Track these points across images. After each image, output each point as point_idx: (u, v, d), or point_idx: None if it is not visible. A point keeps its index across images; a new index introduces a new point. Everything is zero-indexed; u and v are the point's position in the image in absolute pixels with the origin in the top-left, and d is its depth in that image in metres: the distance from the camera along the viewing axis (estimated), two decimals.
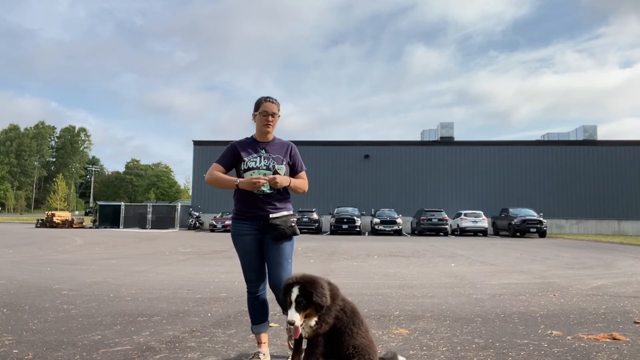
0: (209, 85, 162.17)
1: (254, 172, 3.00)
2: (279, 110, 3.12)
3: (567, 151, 32.10)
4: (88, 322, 4.11)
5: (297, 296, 2.40)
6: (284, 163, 3.08)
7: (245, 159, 3.04)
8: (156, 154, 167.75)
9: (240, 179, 2.98)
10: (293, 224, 3.01)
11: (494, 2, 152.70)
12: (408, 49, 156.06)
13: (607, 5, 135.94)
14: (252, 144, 3.11)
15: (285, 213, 3.02)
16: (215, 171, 3.06)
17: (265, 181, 2.89)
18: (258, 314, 3.09)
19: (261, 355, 2.98)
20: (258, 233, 3.02)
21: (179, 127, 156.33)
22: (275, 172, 3.01)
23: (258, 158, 3.05)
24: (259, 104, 3.08)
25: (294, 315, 2.38)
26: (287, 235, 2.97)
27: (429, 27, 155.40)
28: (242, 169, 3.06)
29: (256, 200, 3.00)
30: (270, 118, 3.04)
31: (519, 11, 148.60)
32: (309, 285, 2.42)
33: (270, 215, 2.97)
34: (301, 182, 3.17)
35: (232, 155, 3.09)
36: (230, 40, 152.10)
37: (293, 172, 3.16)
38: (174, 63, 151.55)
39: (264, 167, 3.02)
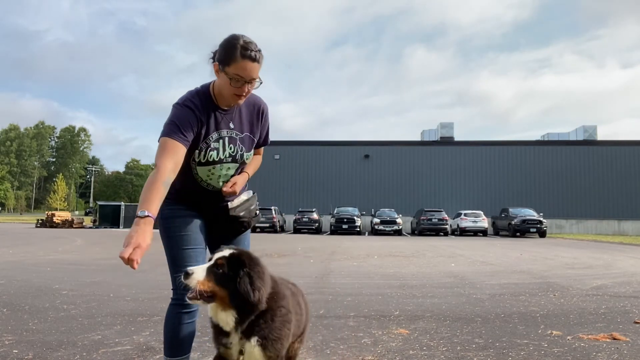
0: None
1: (214, 168, 2.03)
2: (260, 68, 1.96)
3: (567, 151, 32.10)
4: (88, 322, 4.11)
5: (223, 257, 1.65)
6: (253, 145, 2.15)
7: (203, 143, 1.99)
8: None
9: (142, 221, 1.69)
10: (258, 211, 2.22)
11: (493, 4, 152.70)
12: (408, 51, 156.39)
13: (606, 7, 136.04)
14: (213, 112, 2.00)
15: (244, 197, 2.17)
16: (157, 171, 1.80)
17: None
18: (183, 340, 2.04)
19: None
20: (204, 218, 2.13)
21: None
22: (243, 163, 2.13)
23: (220, 142, 2.02)
24: (229, 57, 1.88)
25: (200, 271, 1.61)
26: (250, 225, 2.19)
27: (429, 29, 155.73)
28: (197, 160, 2.01)
29: (207, 195, 2.10)
30: (247, 87, 1.93)
31: (518, 13, 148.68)
32: (248, 260, 1.65)
33: (230, 206, 2.11)
34: (255, 165, 2.28)
35: (194, 125, 1.94)
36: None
37: (257, 144, 2.20)
38: (175, 64, 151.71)
39: (229, 158, 2.05)
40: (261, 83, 1.98)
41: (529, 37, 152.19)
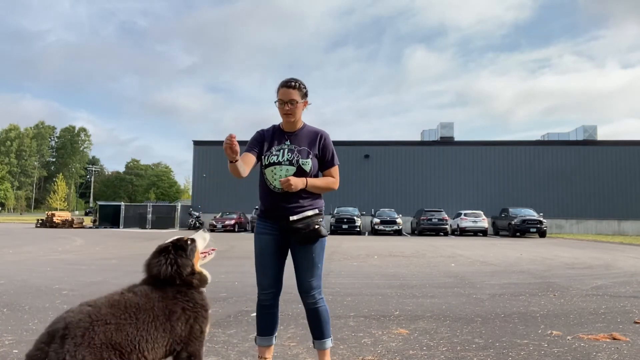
0: (212, 87, 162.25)
1: (275, 168, 2.67)
2: (302, 94, 2.72)
3: (567, 151, 32.10)
4: None
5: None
6: (310, 157, 2.71)
7: (267, 152, 2.73)
8: (159, 154, 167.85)
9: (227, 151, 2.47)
10: (317, 226, 2.62)
11: (493, 6, 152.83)
12: (408, 51, 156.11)
13: (605, 8, 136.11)
14: (278, 134, 2.77)
15: (308, 213, 2.64)
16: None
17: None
18: (264, 325, 2.76)
19: None
20: (278, 235, 2.71)
21: (182, 128, 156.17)
22: (300, 168, 2.66)
23: (281, 151, 2.71)
24: (277, 90, 2.71)
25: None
26: (311, 239, 2.63)
27: (428, 30, 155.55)
28: (263, 164, 2.73)
29: (275, 199, 2.67)
30: (287, 107, 2.67)
31: (518, 14, 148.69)
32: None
33: (290, 218, 2.62)
34: (325, 182, 2.76)
35: (259, 142, 2.76)
36: (233, 43, 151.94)
37: (322, 166, 2.79)
38: (176, 65, 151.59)
39: (287, 162, 2.67)
40: (305, 102, 2.76)
41: (528, 37, 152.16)
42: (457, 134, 67.25)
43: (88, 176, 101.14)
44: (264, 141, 2.76)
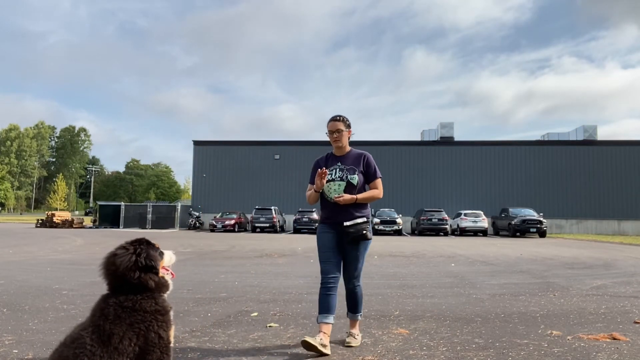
0: (213, 87, 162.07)
1: (330, 184, 3.48)
2: (346, 125, 3.54)
3: (567, 151, 32.09)
4: None
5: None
6: (357, 172, 3.49)
7: None
8: (159, 155, 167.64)
9: (316, 184, 3.46)
10: (365, 231, 3.38)
11: (492, 7, 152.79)
12: (408, 52, 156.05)
13: (605, 9, 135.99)
14: (331, 159, 3.63)
15: (358, 221, 3.39)
16: (307, 192, 3.64)
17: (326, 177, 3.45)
18: (323, 305, 3.36)
19: (317, 339, 3.17)
20: (336, 233, 3.46)
21: (182, 128, 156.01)
22: (349, 182, 3.44)
23: (334, 171, 3.52)
24: (327, 124, 3.57)
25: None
26: (359, 241, 3.39)
27: (429, 31, 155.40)
28: None
29: (333, 208, 3.47)
30: (334, 135, 3.52)
31: (517, 15, 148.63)
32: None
33: (344, 224, 3.38)
34: (371, 194, 3.52)
35: (315, 171, 3.53)
36: (234, 44, 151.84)
37: (367, 179, 3.55)
38: (177, 65, 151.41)
39: (338, 179, 3.48)
40: (348, 131, 3.58)
41: (528, 38, 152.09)
42: (457, 134, 67.34)
43: (88, 176, 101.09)
44: (320, 168, 3.49)
